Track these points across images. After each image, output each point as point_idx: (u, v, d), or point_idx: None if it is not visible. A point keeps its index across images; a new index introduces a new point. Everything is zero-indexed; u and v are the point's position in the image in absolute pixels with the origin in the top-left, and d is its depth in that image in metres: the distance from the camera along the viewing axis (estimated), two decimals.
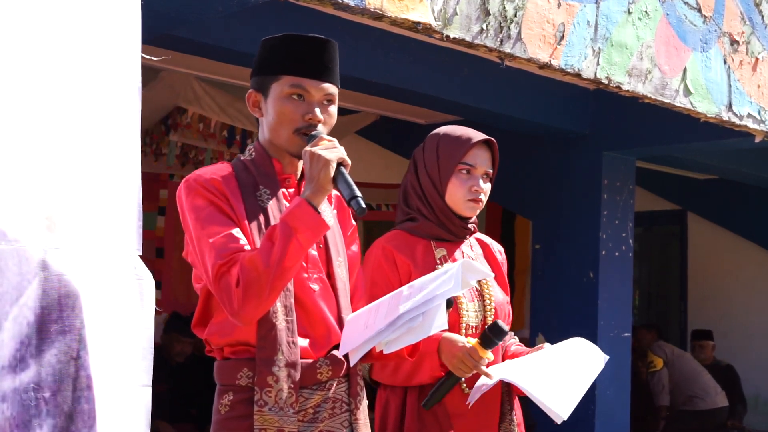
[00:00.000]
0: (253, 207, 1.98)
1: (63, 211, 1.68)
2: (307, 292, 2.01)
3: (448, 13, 3.12)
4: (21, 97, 1.63)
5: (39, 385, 1.62)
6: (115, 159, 1.81)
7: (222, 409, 1.98)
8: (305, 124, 1.99)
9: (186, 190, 1.97)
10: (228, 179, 1.99)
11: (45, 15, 1.69)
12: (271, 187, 2.03)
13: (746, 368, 7.62)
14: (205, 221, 1.92)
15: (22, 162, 1.62)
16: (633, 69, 3.87)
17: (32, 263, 1.62)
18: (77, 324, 1.69)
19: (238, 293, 1.85)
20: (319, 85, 2.00)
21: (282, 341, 1.94)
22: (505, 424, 2.46)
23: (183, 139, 5.66)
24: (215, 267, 1.87)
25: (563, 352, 2.43)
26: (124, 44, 1.84)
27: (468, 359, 2.24)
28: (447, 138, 2.48)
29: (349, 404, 2.05)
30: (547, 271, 5.47)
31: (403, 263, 2.40)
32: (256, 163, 2.06)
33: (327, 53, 2.03)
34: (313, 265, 2.04)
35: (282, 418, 1.92)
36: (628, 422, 5.37)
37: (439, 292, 1.90)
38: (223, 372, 2.00)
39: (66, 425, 1.65)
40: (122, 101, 1.83)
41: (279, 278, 1.85)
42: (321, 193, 1.90)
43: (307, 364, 1.98)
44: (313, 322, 2.02)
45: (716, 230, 8.28)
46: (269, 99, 2.03)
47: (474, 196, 2.44)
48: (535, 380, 2.29)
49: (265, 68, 2.04)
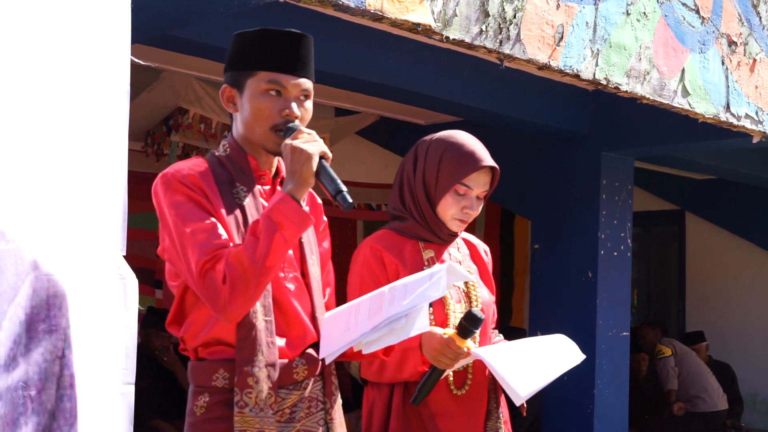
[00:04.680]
0: (231, 204, 1.95)
1: (51, 211, 1.69)
2: (283, 291, 1.99)
3: (448, 15, 3.14)
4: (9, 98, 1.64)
5: (26, 384, 1.63)
6: (101, 159, 1.80)
7: (197, 411, 1.94)
8: (282, 120, 1.96)
9: (163, 185, 1.92)
10: (205, 175, 1.95)
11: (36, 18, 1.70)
12: (247, 184, 2.00)
13: (744, 368, 7.63)
14: (186, 217, 1.87)
15: (16, 162, 1.63)
16: (631, 70, 3.89)
17: (26, 263, 1.63)
18: (63, 323, 1.69)
19: (224, 290, 1.81)
20: (295, 81, 1.97)
21: (262, 342, 1.91)
22: (491, 422, 2.45)
23: (184, 139, 5.67)
24: (199, 263, 1.83)
25: (541, 343, 2.45)
26: (112, 46, 1.84)
27: (447, 350, 2.21)
28: (453, 152, 2.42)
29: (324, 403, 2.04)
30: (546, 270, 5.49)
31: (391, 262, 2.40)
32: (231, 159, 2.02)
33: (303, 47, 1.99)
34: (288, 264, 2.01)
35: (262, 419, 1.89)
36: (627, 421, 5.38)
37: (425, 295, 1.90)
38: (198, 373, 1.96)
39: (48, 423, 1.66)
40: (110, 102, 1.82)
41: (265, 274, 1.82)
42: (304, 188, 1.87)
43: (284, 364, 1.95)
44: (289, 322, 2.00)
45: (715, 230, 8.29)
46: (245, 95, 1.99)
47: (464, 216, 2.43)
48: (502, 360, 2.28)
49: (240, 63, 2.00)
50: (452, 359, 2.23)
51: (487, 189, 2.45)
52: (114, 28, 1.85)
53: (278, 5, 3.25)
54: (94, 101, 1.80)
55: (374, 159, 6.92)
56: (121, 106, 1.85)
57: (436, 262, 2.44)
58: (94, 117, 1.79)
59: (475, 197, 2.43)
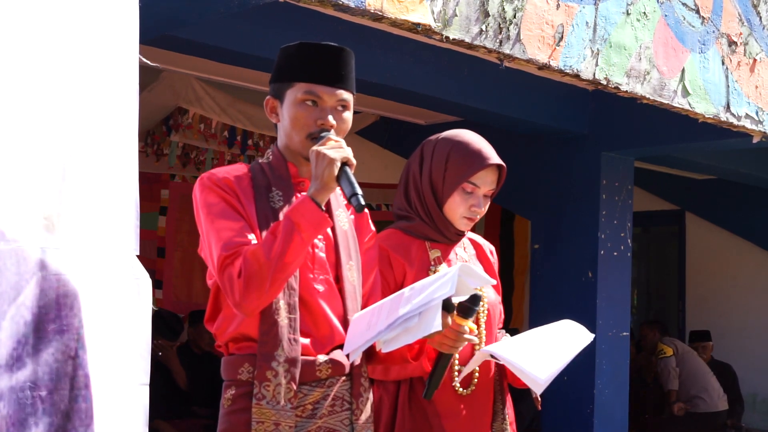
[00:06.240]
0: (264, 208, 2.03)
1: (61, 211, 1.69)
2: (311, 292, 2.05)
3: (448, 15, 3.14)
4: (20, 98, 1.64)
5: (35, 384, 1.62)
6: (112, 159, 1.81)
7: (226, 404, 2.03)
8: (318, 129, 2.04)
9: (200, 187, 2.04)
10: (241, 179, 2.05)
11: (45, 17, 1.70)
12: (285, 190, 2.08)
13: (744, 368, 7.63)
14: (216, 216, 1.98)
15: (21, 162, 1.63)
16: (631, 70, 3.89)
17: (30, 263, 1.63)
18: (75, 323, 1.69)
19: (239, 284, 1.90)
20: (332, 92, 2.06)
21: (283, 337, 1.98)
22: (497, 423, 2.46)
23: (184, 139, 5.68)
24: (220, 258, 1.93)
25: (549, 330, 2.45)
26: (121, 45, 1.85)
27: (450, 332, 2.14)
28: (460, 150, 2.43)
29: (351, 403, 2.08)
30: (546, 270, 5.49)
31: (398, 262, 2.41)
32: (272, 165, 2.12)
33: (340, 60, 2.08)
34: (319, 267, 2.08)
35: (279, 412, 1.96)
36: (627, 422, 5.38)
37: (436, 294, 1.93)
38: (228, 367, 2.05)
39: (63, 423, 1.66)
40: (120, 102, 1.84)
41: (280, 271, 1.90)
42: (325, 191, 1.95)
43: (306, 361, 2.01)
44: (316, 322, 2.05)
45: (714, 230, 8.28)
46: (284, 105, 2.08)
47: (472, 215, 2.44)
48: (514, 351, 2.29)
49: (280, 75, 2.10)
50: (455, 339, 2.15)
51: (494, 187, 2.46)
52: (123, 28, 1.85)
53: (278, 5, 3.25)
54: (105, 100, 1.80)
55: (374, 159, 6.92)
56: (130, 105, 1.87)
57: (443, 262, 2.44)
58: (104, 116, 1.80)
59: (482, 195, 2.44)
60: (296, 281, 2.01)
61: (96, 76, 1.79)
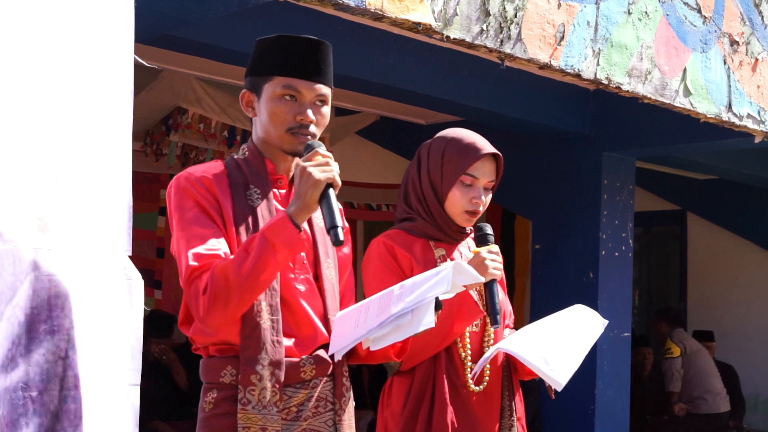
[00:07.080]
0: (243, 206, 1.99)
1: (55, 212, 1.69)
2: (293, 292, 2.01)
3: (449, 14, 3.12)
4: (14, 100, 1.63)
5: (27, 385, 1.63)
6: (106, 160, 1.81)
7: (206, 407, 1.98)
8: (296, 124, 2.00)
9: (176, 188, 1.98)
10: (219, 177, 2.00)
11: (39, 17, 1.70)
12: (262, 187, 2.04)
13: (745, 368, 7.62)
14: (188, 223, 1.93)
15: (16, 162, 1.63)
16: (633, 69, 3.88)
17: (24, 263, 1.63)
18: (66, 324, 1.69)
19: (204, 300, 1.85)
20: (311, 86, 2.01)
21: (266, 340, 1.94)
22: (505, 420, 2.47)
23: (184, 139, 5.66)
24: (188, 270, 1.88)
25: (562, 319, 2.45)
26: (116, 46, 1.84)
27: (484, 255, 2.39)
28: (454, 145, 2.46)
29: (334, 404, 2.05)
30: (547, 271, 5.48)
31: (404, 256, 2.42)
32: (248, 162, 2.07)
33: (320, 54, 2.03)
34: (299, 266, 2.04)
35: (265, 416, 1.92)
36: (628, 422, 5.37)
37: (430, 292, 1.91)
38: (208, 370, 2.00)
39: (52, 424, 1.66)
40: (114, 102, 1.83)
41: (249, 291, 1.85)
42: (305, 211, 1.89)
43: (290, 363, 1.98)
44: (299, 322, 2.02)
45: (716, 230, 8.27)
46: (262, 99, 2.04)
47: (473, 207, 2.45)
48: (533, 349, 2.29)
49: (258, 69, 2.05)
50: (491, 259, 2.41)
51: (493, 179, 2.47)
52: (118, 28, 1.86)
53: (278, 5, 3.24)
54: (99, 100, 1.81)
55: (374, 159, 6.91)
56: (124, 106, 1.86)
57: (447, 261, 2.45)
58: (98, 117, 1.80)
59: (482, 188, 2.45)
60: (277, 282, 1.97)
61: (90, 78, 1.79)
